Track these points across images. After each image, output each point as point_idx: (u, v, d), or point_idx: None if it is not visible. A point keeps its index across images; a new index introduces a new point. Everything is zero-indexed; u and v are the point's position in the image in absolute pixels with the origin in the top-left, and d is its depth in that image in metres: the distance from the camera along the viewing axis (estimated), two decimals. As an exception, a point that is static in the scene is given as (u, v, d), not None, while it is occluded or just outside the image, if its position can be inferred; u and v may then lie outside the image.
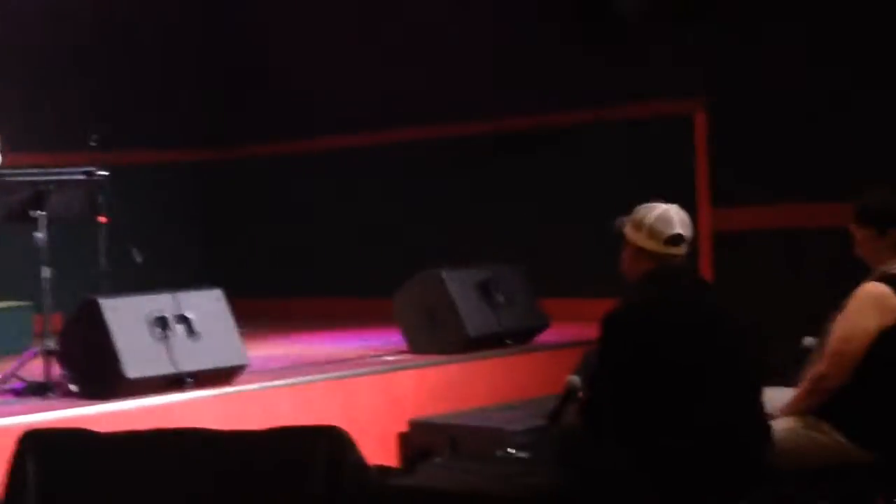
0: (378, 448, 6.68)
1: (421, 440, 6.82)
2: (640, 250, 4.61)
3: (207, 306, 6.66)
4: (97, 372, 6.32)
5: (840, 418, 4.81)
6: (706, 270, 8.22)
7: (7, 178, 6.78)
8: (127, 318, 6.35)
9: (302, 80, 10.83)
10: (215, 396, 6.41)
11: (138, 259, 7.39)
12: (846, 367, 4.81)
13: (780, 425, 4.78)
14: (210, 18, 11.39)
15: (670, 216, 4.61)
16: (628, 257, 4.67)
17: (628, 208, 4.81)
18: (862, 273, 5.02)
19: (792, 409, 4.90)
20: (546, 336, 8.10)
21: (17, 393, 6.51)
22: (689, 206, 4.76)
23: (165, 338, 6.41)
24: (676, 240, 4.59)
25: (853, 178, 7.16)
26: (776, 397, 4.95)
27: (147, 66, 11.04)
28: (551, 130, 9.49)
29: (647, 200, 4.78)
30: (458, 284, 7.78)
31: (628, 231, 4.65)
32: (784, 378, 5.20)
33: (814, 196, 7.82)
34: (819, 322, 5.03)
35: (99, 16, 10.75)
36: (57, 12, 10.53)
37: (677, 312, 4.49)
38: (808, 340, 5.14)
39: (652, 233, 4.58)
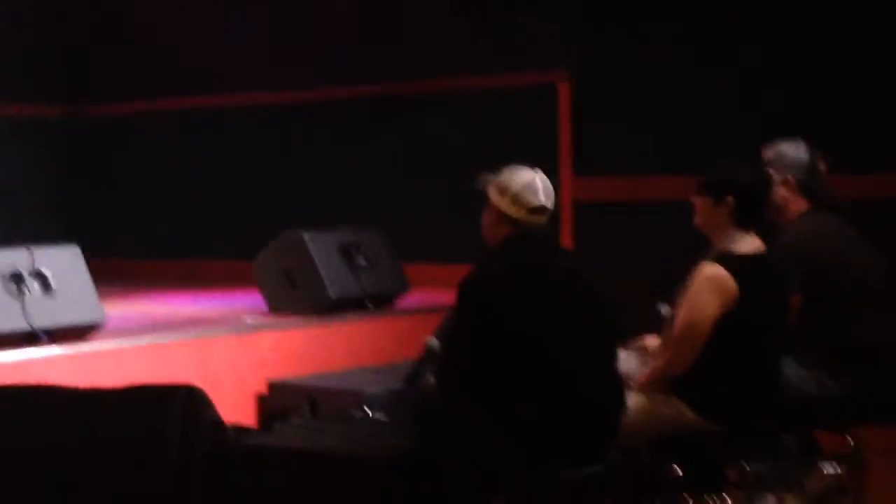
0: (236, 409, 6.64)
1: (279, 401, 6.79)
2: (502, 215, 4.62)
3: (64, 262, 6.56)
4: (-51, 326, 6.21)
5: (688, 395, 4.88)
6: (566, 239, 8.31)
7: None
8: (-20, 272, 6.24)
9: (169, 37, 10.69)
10: (70, 354, 6.33)
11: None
12: (690, 352, 4.87)
13: (632, 400, 4.83)
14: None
15: (536, 185, 4.62)
16: (489, 219, 4.69)
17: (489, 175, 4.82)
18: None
19: (641, 389, 4.96)
20: (407, 300, 8.13)
21: None
22: (551, 174, 4.79)
23: (20, 293, 6.31)
24: (539, 210, 4.62)
25: (711, 151, 7.28)
26: (626, 361, 5.02)
27: (10, 18, 10.81)
28: (416, 97, 9.50)
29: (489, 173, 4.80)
30: (320, 246, 7.76)
31: (492, 193, 4.66)
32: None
33: (673, 168, 7.94)
34: (674, 290, 5.10)
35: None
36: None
37: (535, 278, 4.52)
38: (664, 308, 5.21)
39: (515, 200, 4.60)
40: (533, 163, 4.78)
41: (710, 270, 4.88)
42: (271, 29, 10.17)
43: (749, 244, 4.99)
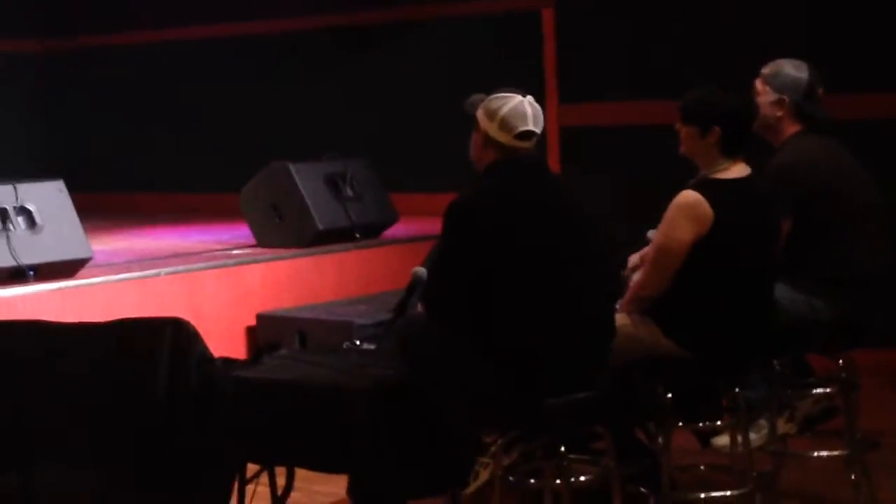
0: (225, 342, 6.65)
1: (268, 333, 6.80)
2: (490, 139, 4.59)
3: (49, 198, 6.52)
4: (-67, 264, 6.18)
5: (662, 320, 4.87)
6: (554, 165, 8.29)
7: None
8: (-36, 209, 6.21)
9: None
10: (58, 290, 6.31)
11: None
12: (663, 276, 4.85)
13: (617, 320, 4.82)
14: None
15: (524, 110, 4.58)
16: (477, 143, 4.65)
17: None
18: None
19: (621, 309, 4.95)
20: (395, 230, 8.11)
21: None
22: (537, 101, 4.75)
23: (5, 230, 6.27)
24: (527, 135, 4.58)
25: (699, 75, 7.24)
26: None
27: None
28: (401, 23, 9.44)
29: (479, 94, 4.76)
30: (307, 177, 7.73)
31: (480, 116, 4.62)
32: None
33: (659, 93, 7.90)
34: (658, 216, 5.08)
35: None
36: None
37: (522, 201, 4.49)
38: (651, 233, 5.19)
39: (503, 125, 4.56)
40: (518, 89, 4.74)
41: (686, 196, 4.86)
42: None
43: (735, 171, 4.95)
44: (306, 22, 9.82)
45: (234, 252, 7.51)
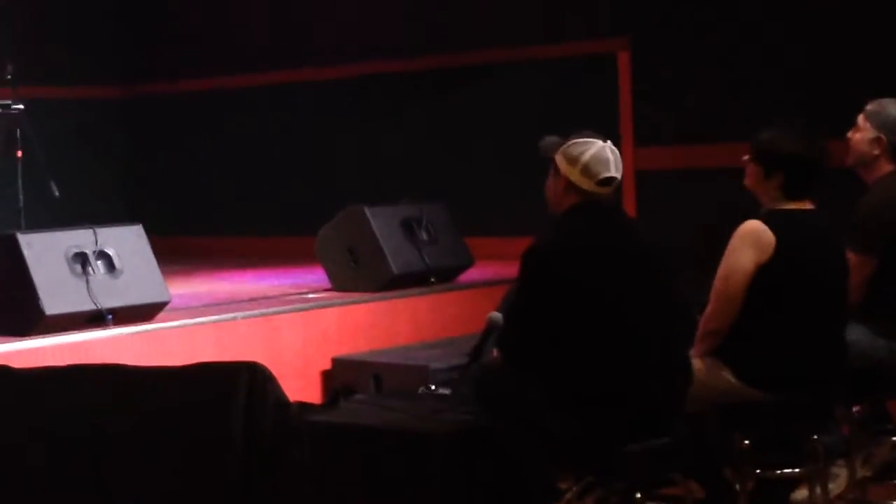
0: (301, 385, 6.66)
1: (344, 377, 6.81)
2: (571, 185, 4.59)
3: (128, 242, 6.58)
4: (15, 308, 6.23)
5: (735, 362, 4.83)
6: (629, 209, 8.26)
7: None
8: (46, 253, 6.26)
9: (222, 17, 10.73)
10: (136, 333, 6.35)
11: (56, 193, 7.31)
12: (727, 306, 4.81)
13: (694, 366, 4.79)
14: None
15: (606, 156, 4.59)
16: (557, 188, 4.64)
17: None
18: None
19: (693, 353, 4.91)
20: (470, 274, 8.10)
21: (-66, 329, 6.42)
22: (613, 145, 4.74)
23: (85, 274, 6.33)
24: (609, 181, 4.59)
25: (774, 118, 7.21)
26: None
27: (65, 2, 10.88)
28: (478, 67, 9.45)
29: (552, 136, 4.76)
30: (382, 221, 7.75)
31: (560, 162, 4.62)
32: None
33: (734, 136, 7.86)
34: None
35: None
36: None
37: (602, 247, 4.49)
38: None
39: (586, 171, 4.56)
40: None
41: (747, 224, 4.86)
42: (328, 4, 10.17)
43: (797, 206, 4.92)
44: (383, 65, 9.86)
45: (310, 296, 7.53)
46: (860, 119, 5.53)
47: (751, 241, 4.81)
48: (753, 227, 4.84)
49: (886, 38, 7.55)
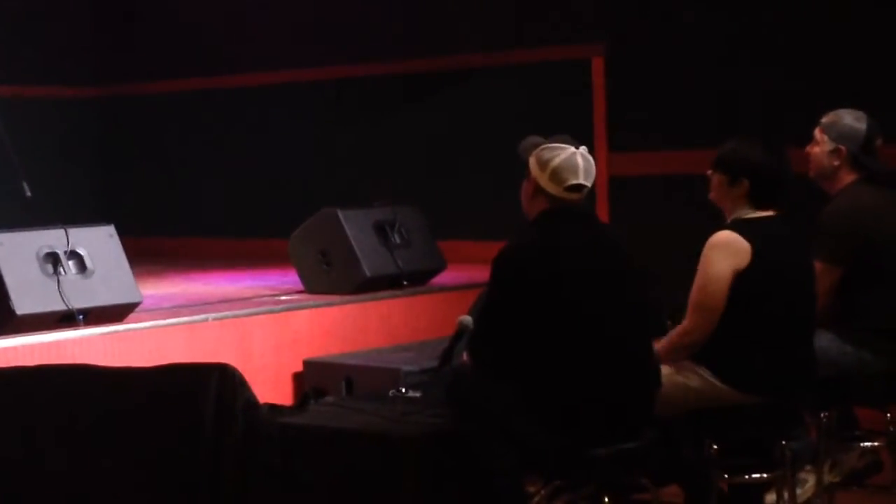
0: (272, 387, 6.66)
1: (315, 380, 6.80)
2: (540, 189, 4.61)
3: (100, 242, 6.56)
4: (-14, 308, 6.23)
5: (713, 363, 4.85)
6: (602, 214, 8.28)
7: None
8: (16, 253, 6.24)
9: (202, 15, 10.72)
10: (107, 334, 6.33)
11: (28, 193, 7.29)
12: (708, 315, 4.83)
13: (663, 371, 4.80)
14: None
15: (576, 162, 4.60)
16: (527, 191, 4.67)
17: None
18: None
19: (663, 358, 4.92)
20: (443, 278, 8.11)
21: None
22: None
23: (56, 274, 6.31)
24: (577, 188, 4.60)
25: (746, 126, 7.25)
26: None
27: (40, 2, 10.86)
28: (450, 72, 9.46)
29: (534, 136, 4.78)
30: (355, 224, 7.75)
31: (532, 165, 4.64)
32: (675, 320, 5.25)
33: (708, 143, 7.88)
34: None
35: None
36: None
37: (570, 252, 4.50)
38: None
39: (554, 176, 4.58)
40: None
41: (719, 235, 4.88)
42: (308, 4, 10.16)
43: (763, 214, 4.95)
44: (355, 69, 9.87)
45: (282, 298, 7.53)
46: (817, 132, 5.55)
47: (726, 249, 4.83)
48: (726, 236, 4.86)
49: (850, 49, 7.60)
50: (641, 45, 8.37)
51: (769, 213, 4.95)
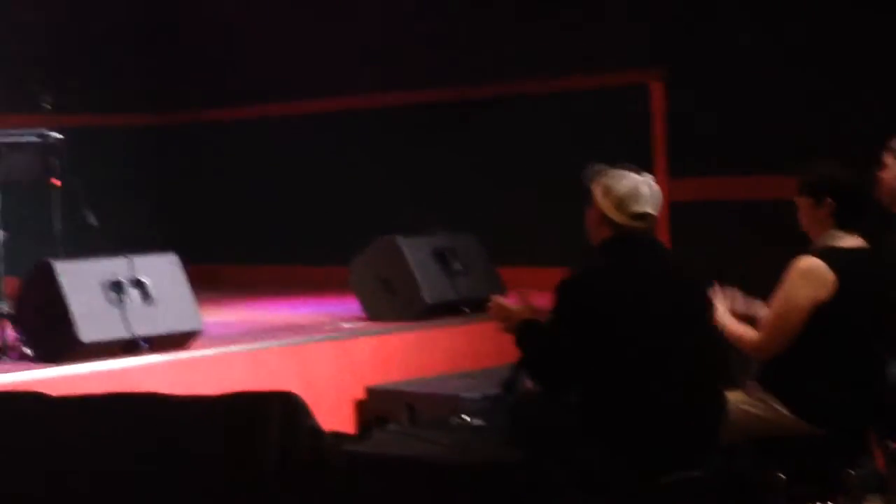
0: (334, 415, 6.67)
1: (377, 407, 6.82)
2: (605, 217, 4.60)
3: (162, 270, 6.63)
4: (51, 335, 6.29)
5: (783, 391, 4.83)
6: (663, 239, 8.24)
7: (-40, 140, 6.73)
8: (81, 281, 6.32)
9: (255, 45, 10.78)
10: (170, 361, 6.38)
11: (92, 222, 7.34)
12: (780, 341, 4.82)
13: (731, 397, 4.78)
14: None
15: (641, 192, 4.59)
16: (592, 219, 4.66)
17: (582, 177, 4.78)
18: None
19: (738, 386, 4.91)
20: (503, 304, 8.09)
21: (-29, 355, 6.48)
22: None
23: (120, 302, 6.38)
24: (643, 217, 4.59)
25: (807, 150, 7.20)
26: None
27: (101, 30, 10.95)
28: (510, 97, 9.47)
29: (600, 164, 4.76)
30: (415, 251, 7.77)
31: (596, 193, 4.63)
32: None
33: (768, 168, 7.85)
34: (770, 290, 5.04)
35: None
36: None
37: (636, 279, 4.49)
38: (762, 310, 5.15)
39: (619, 205, 4.57)
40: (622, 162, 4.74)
41: (805, 261, 4.86)
42: (360, 33, 10.20)
43: (850, 242, 4.93)
44: (415, 96, 9.89)
45: (344, 325, 7.55)
46: (887, 157, 5.50)
47: (810, 278, 4.81)
48: (812, 263, 4.84)
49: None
50: (700, 68, 8.35)
51: (856, 240, 4.93)
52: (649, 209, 4.58)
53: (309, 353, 6.89)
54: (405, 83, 9.93)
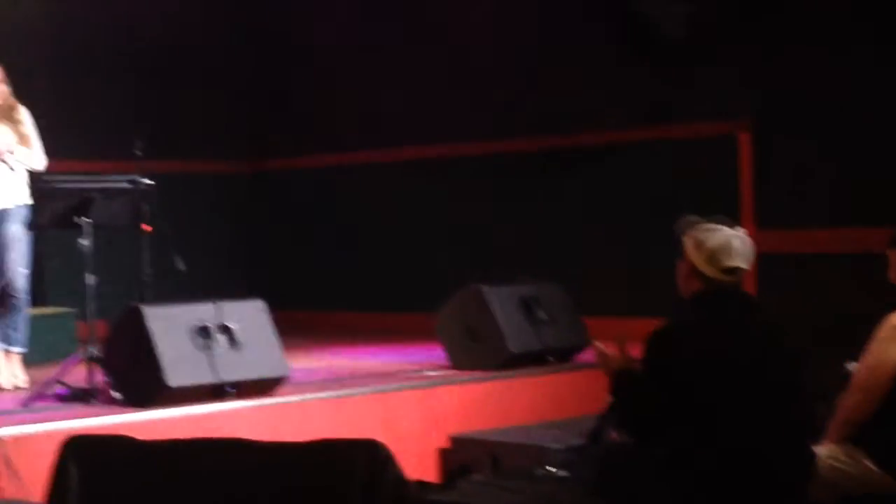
0: (418, 463, 6.66)
1: (461, 456, 6.80)
2: (696, 270, 4.58)
3: (250, 316, 6.67)
4: (139, 379, 6.35)
5: (873, 448, 4.76)
6: (750, 290, 8.17)
7: (54, 185, 6.82)
8: (170, 326, 6.38)
9: (345, 94, 10.86)
10: (256, 407, 6.42)
11: (181, 267, 7.42)
12: (872, 398, 4.76)
13: (821, 453, 4.74)
14: (253, 33, 11.44)
15: (733, 246, 4.57)
16: (683, 272, 4.64)
17: (671, 228, 4.77)
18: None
19: (827, 439, 4.85)
20: (587, 354, 8.07)
21: (61, 398, 6.55)
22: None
23: (207, 347, 6.43)
24: (734, 270, 4.57)
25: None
26: None
27: (194, 78, 11.10)
28: (595, 148, 9.46)
29: (692, 215, 4.74)
30: (500, 300, 7.77)
31: (688, 246, 4.61)
32: (827, 402, 5.16)
33: (857, 220, 7.78)
34: (860, 347, 4.99)
35: (148, 30, 10.84)
36: (108, 24, 10.63)
37: (726, 334, 4.46)
38: (851, 365, 5.10)
39: (711, 258, 4.55)
40: (713, 215, 4.72)
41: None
42: (449, 83, 10.25)
43: None
44: (502, 145, 9.91)
45: (428, 373, 7.56)
46: (887, 251, 5.42)
47: None
48: None
49: None
50: (790, 120, 8.30)
51: None
52: (741, 263, 4.56)
53: (393, 401, 6.90)
54: (495, 132, 9.95)
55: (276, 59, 11.37)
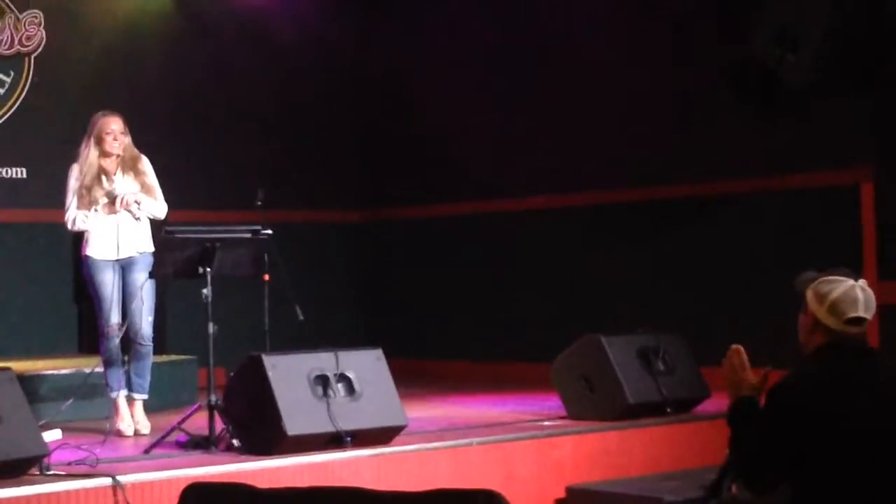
0: (535, 514, 6.65)
1: (578, 507, 6.77)
2: (818, 323, 4.52)
3: (367, 365, 6.71)
4: (259, 428, 6.40)
5: None
6: (872, 343, 8.04)
7: (177, 235, 6.93)
8: (289, 375, 6.43)
9: (459, 145, 10.93)
10: (373, 456, 6.44)
11: (301, 317, 7.50)
12: None
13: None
14: (368, 84, 11.57)
15: (855, 296, 4.51)
16: (805, 325, 4.58)
17: (792, 278, 4.72)
18: None
19: None
20: (707, 406, 7.99)
21: (182, 446, 6.62)
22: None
23: (326, 396, 6.47)
24: (857, 321, 4.50)
25: None
26: None
27: (313, 130, 11.25)
28: (716, 197, 9.41)
29: (811, 271, 4.69)
30: (619, 350, 7.74)
31: (810, 299, 4.56)
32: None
33: None
34: None
35: (267, 84, 11.03)
36: (229, 79, 10.83)
37: (848, 387, 4.40)
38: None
39: (833, 310, 4.49)
40: (835, 265, 4.66)
41: None
42: (566, 133, 10.26)
43: None
44: (620, 195, 9.90)
45: (545, 423, 7.53)
46: None
47: None
48: None
49: None
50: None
51: None
52: (863, 313, 4.49)
53: (511, 450, 6.89)
54: (612, 183, 9.94)
55: (392, 110, 11.47)
